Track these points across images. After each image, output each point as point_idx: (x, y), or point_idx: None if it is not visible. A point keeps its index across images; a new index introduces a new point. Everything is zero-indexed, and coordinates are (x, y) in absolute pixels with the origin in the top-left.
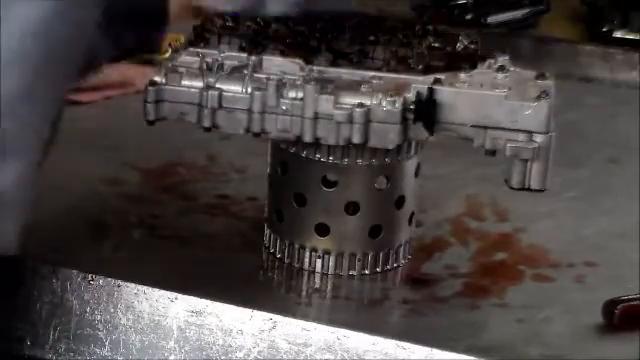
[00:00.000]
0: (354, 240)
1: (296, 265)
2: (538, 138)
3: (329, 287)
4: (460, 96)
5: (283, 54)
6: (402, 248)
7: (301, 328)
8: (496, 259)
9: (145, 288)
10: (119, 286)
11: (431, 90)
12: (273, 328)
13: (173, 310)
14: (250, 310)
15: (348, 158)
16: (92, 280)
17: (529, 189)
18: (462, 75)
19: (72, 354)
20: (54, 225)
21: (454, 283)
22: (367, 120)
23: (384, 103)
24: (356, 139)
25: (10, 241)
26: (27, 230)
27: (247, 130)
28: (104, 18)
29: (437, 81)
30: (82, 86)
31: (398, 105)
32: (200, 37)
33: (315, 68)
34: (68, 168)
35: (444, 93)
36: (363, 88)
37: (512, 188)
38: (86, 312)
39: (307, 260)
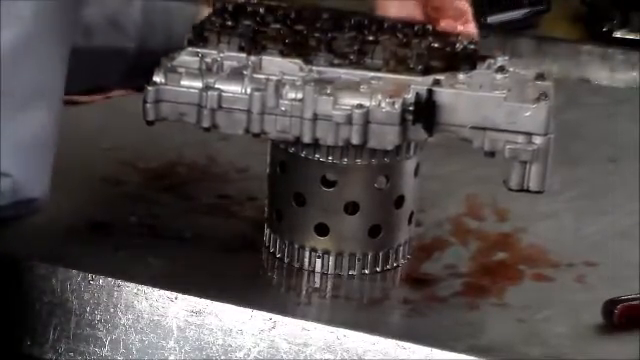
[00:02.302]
0: (354, 240)
1: (296, 265)
2: (537, 140)
3: (329, 287)
4: (459, 97)
5: (283, 54)
6: (402, 248)
7: (301, 328)
8: (496, 259)
9: (145, 288)
10: (119, 286)
11: (430, 91)
12: (273, 328)
13: (173, 310)
14: (250, 310)
15: (347, 158)
16: (92, 280)
17: (528, 190)
18: (461, 76)
19: (72, 354)
20: (54, 225)
21: (454, 283)
22: (366, 121)
23: (383, 104)
24: (355, 140)
25: (44, 185)
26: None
27: (246, 130)
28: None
29: (436, 82)
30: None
31: (397, 106)
32: (199, 37)
33: (314, 68)
34: (68, 168)
35: (443, 94)
36: (362, 89)
37: (511, 190)
38: (86, 312)
39: (307, 260)
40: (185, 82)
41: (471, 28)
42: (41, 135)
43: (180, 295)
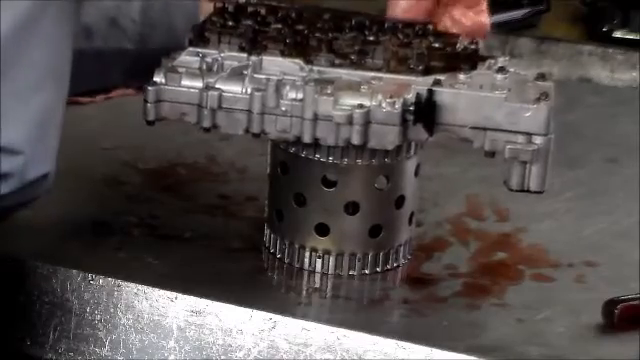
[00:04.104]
0: (354, 240)
1: (296, 265)
2: (537, 140)
3: (329, 287)
4: (460, 97)
5: (283, 54)
6: (402, 248)
7: (301, 328)
8: (496, 259)
9: (145, 288)
10: (119, 286)
11: (431, 91)
12: (273, 328)
13: (173, 310)
14: (250, 310)
15: (348, 158)
16: (92, 280)
17: (528, 191)
18: (462, 76)
19: (72, 354)
20: (54, 225)
21: (454, 283)
22: (367, 121)
23: (384, 104)
24: (356, 140)
25: (53, 161)
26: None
27: (247, 130)
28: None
29: (437, 82)
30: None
31: (398, 106)
32: (200, 36)
33: (315, 68)
34: (69, 168)
35: (444, 94)
36: (363, 89)
37: (511, 190)
38: (86, 312)
39: (307, 260)
40: (186, 82)
41: (483, 18)
42: (51, 113)
43: (180, 295)
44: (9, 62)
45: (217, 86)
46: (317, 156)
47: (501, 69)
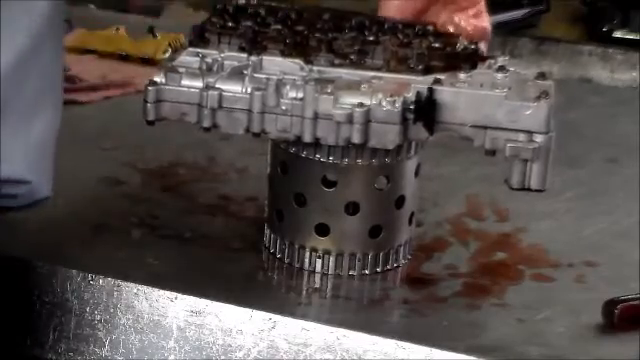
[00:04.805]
0: (354, 240)
1: (296, 265)
2: (538, 138)
3: (329, 287)
4: (460, 96)
5: (283, 54)
6: (402, 248)
7: (301, 328)
8: (496, 259)
9: (145, 288)
10: (119, 286)
11: (431, 90)
12: (273, 328)
13: (173, 310)
14: (250, 310)
15: (348, 158)
16: (92, 280)
17: (529, 189)
18: (462, 75)
19: (72, 354)
20: (54, 225)
21: (454, 283)
22: (367, 120)
23: (384, 103)
24: (356, 139)
25: (50, 181)
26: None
27: (247, 130)
28: None
29: (437, 81)
30: (82, 86)
31: (398, 105)
32: (200, 37)
33: (315, 68)
34: (68, 168)
35: (444, 93)
36: (363, 88)
37: (512, 188)
38: (86, 312)
39: (307, 260)
40: (186, 82)
41: (484, 22)
42: (48, 134)
43: (180, 295)
44: (11, 95)
45: (217, 86)
46: (317, 156)
47: (501, 68)
